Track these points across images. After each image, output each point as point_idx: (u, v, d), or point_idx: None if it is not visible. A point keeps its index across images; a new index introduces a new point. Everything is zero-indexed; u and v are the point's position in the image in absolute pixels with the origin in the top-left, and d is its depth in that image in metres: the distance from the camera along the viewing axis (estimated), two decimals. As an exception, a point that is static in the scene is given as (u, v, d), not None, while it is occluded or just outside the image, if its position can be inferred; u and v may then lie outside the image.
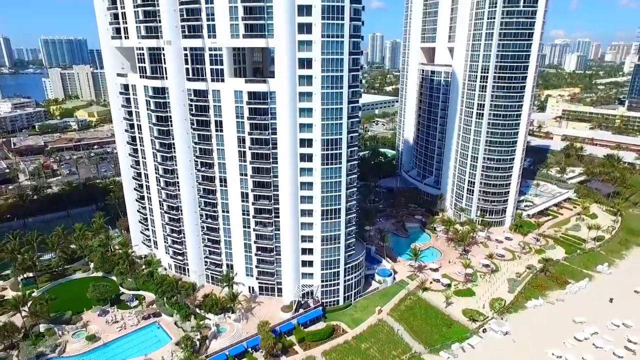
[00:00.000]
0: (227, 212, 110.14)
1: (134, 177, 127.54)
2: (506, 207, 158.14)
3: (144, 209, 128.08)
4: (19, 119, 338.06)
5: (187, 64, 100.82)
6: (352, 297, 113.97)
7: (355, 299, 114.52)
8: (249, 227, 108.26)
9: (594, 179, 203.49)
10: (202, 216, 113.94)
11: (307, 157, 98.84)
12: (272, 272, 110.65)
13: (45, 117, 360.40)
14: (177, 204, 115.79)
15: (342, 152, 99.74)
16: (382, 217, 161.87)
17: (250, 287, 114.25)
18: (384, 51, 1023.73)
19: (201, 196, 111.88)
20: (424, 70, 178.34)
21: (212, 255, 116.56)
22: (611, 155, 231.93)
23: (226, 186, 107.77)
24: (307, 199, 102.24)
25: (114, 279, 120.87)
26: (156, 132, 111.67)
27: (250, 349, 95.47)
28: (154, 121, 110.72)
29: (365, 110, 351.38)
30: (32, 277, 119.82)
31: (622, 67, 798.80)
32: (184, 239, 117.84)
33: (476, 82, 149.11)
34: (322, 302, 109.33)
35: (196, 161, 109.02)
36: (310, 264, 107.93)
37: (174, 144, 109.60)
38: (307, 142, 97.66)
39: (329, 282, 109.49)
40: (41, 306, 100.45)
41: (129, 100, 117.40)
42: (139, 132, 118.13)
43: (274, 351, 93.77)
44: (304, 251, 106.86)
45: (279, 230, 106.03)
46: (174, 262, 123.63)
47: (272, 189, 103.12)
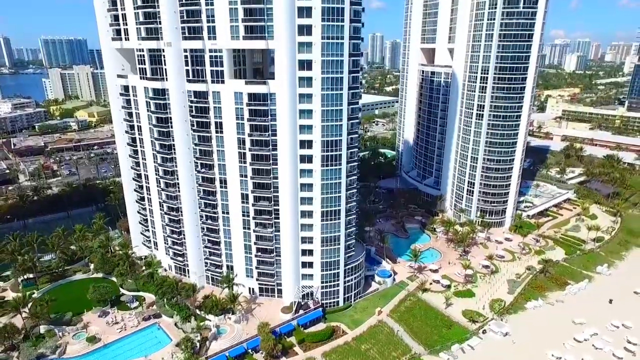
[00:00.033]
0: (227, 213, 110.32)
1: (134, 178, 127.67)
2: (506, 208, 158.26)
3: (144, 210, 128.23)
4: (19, 120, 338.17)
5: (187, 65, 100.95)
6: (352, 298, 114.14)
7: (355, 300, 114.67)
8: (249, 229, 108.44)
9: (593, 180, 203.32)
10: (202, 217, 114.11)
11: (307, 159, 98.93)
12: (272, 273, 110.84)
13: (45, 118, 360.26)
14: (177, 205, 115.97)
15: (342, 154, 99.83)
16: (382, 217, 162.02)
17: (250, 288, 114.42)
18: (384, 51, 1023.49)
19: (201, 197, 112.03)
20: (423, 71, 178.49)
21: (212, 256, 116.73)
22: (611, 155, 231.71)
23: (226, 187, 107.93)
24: (307, 201, 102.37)
25: (114, 280, 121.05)
26: (156, 134, 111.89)
27: (250, 350, 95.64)
28: (154, 122, 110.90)
29: (365, 110, 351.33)
30: (32, 278, 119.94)
31: (622, 67, 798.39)
32: (184, 240, 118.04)
33: (476, 82, 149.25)
34: (322, 303, 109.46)
35: (196, 162, 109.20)
36: (310, 265, 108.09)
37: (174, 146, 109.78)
38: (307, 144, 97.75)
39: (328, 283, 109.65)
40: (41, 307, 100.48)
41: (129, 101, 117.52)
42: (139, 134, 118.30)
43: (274, 352, 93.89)
44: (304, 252, 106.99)
45: (279, 231, 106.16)
46: (174, 263, 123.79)
47: (272, 190, 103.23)
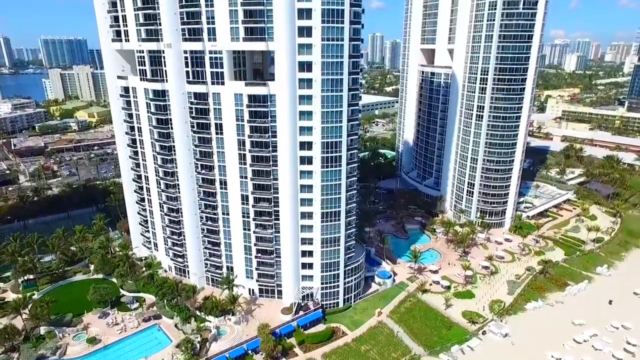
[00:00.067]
0: (227, 214, 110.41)
1: (134, 179, 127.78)
2: (506, 209, 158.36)
3: (144, 210, 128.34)
4: (19, 120, 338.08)
5: (187, 66, 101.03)
6: (351, 299, 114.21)
7: (355, 301, 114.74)
8: (249, 230, 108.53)
9: (593, 180, 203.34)
10: (202, 218, 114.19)
11: (307, 160, 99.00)
12: (272, 275, 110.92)
13: (45, 118, 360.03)
14: (178, 206, 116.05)
15: (342, 155, 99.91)
16: (381, 218, 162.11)
17: (250, 289, 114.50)
18: (384, 51, 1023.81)
19: (201, 198, 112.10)
20: (423, 71, 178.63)
21: (212, 257, 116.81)
22: (611, 156, 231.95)
23: (226, 188, 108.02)
24: (307, 202, 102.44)
25: (114, 281, 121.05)
26: (156, 135, 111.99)
27: (250, 352, 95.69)
28: (154, 124, 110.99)
29: (365, 110, 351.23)
30: (32, 279, 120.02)
31: (622, 67, 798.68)
32: (184, 241, 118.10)
33: (476, 83, 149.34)
34: (322, 304, 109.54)
35: (196, 164, 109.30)
36: (310, 266, 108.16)
37: (174, 147, 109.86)
38: (307, 145, 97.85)
39: (328, 284, 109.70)
40: (42, 308, 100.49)
41: (129, 102, 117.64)
42: (140, 135, 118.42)
43: (274, 354, 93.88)
44: (304, 253, 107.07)
45: (279, 232, 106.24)
46: (174, 264, 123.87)
47: (272, 191, 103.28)
